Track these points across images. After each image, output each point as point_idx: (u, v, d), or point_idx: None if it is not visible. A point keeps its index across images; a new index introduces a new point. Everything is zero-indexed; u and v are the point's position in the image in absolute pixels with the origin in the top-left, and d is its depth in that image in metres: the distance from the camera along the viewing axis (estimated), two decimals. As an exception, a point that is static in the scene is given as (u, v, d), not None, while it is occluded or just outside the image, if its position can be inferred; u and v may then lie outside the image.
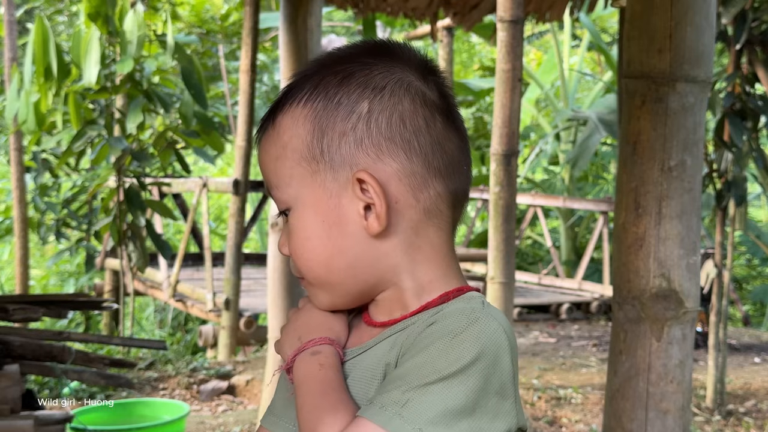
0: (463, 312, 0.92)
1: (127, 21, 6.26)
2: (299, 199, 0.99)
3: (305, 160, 0.98)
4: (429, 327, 0.91)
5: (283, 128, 1.00)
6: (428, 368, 0.87)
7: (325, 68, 1.01)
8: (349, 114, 0.98)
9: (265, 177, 1.04)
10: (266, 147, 1.02)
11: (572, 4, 5.63)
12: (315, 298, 1.04)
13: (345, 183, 0.97)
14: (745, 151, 4.93)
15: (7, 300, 3.82)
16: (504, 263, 4.90)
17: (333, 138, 0.98)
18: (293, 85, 1.03)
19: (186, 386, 5.65)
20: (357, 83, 0.99)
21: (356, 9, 5.50)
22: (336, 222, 0.98)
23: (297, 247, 1.00)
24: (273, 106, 1.03)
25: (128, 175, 6.57)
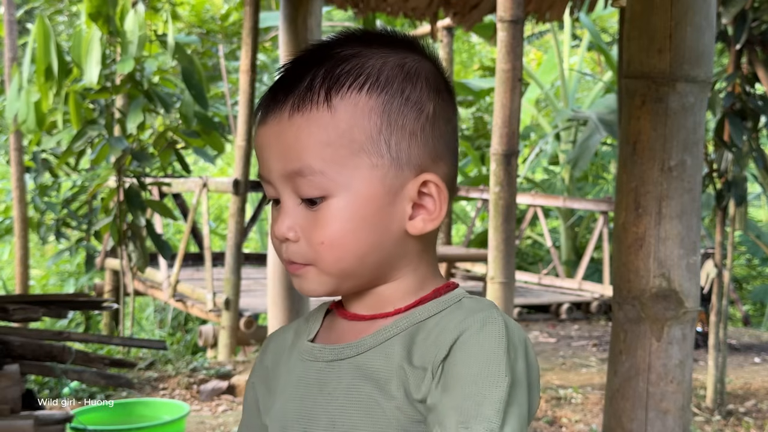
0: (489, 313, 0.93)
1: (127, 21, 6.26)
2: (349, 190, 0.96)
3: (365, 152, 0.96)
4: (467, 334, 0.91)
5: (342, 114, 0.96)
6: (499, 378, 0.88)
7: (371, 53, 0.99)
8: (419, 113, 0.98)
9: (296, 157, 0.96)
10: (310, 128, 0.96)
11: (572, 4, 5.63)
12: (315, 285, 1.00)
13: (406, 182, 0.97)
14: (745, 151, 4.93)
15: (7, 300, 3.82)
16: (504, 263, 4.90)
17: (402, 136, 0.97)
18: (338, 64, 0.97)
19: (186, 386, 5.65)
20: (421, 81, 0.99)
21: (356, 9, 5.51)
22: (384, 217, 0.97)
23: (336, 236, 0.96)
24: (319, 82, 0.97)
25: (128, 175, 6.57)
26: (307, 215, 0.97)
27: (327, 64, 0.97)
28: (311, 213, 0.97)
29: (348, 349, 0.99)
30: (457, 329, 0.92)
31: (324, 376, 1.00)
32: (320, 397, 0.99)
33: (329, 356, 1.00)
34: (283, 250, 0.99)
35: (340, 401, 0.97)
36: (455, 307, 0.97)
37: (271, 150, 0.98)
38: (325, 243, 0.96)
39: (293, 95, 0.97)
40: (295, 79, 0.98)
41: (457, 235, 12.75)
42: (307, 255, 0.98)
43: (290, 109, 0.96)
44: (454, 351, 0.91)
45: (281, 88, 0.99)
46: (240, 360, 6.41)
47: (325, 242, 0.96)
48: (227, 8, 13.40)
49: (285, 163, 0.97)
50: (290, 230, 0.98)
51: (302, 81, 0.97)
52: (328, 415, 0.98)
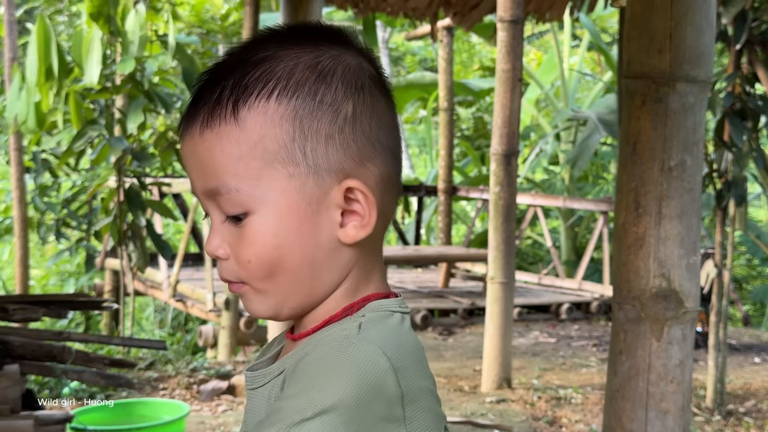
0: (336, 340, 0.86)
1: (128, 21, 6.26)
2: (267, 203, 0.90)
3: (280, 162, 0.90)
4: (305, 357, 0.86)
5: (251, 126, 0.90)
6: (305, 402, 0.82)
7: (283, 54, 0.92)
8: (335, 116, 0.91)
9: (212, 175, 0.91)
10: (220, 144, 0.90)
11: (572, 4, 5.64)
12: (256, 304, 0.94)
13: (328, 189, 0.91)
14: (745, 151, 4.93)
15: (7, 300, 3.83)
16: (504, 263, 4.90)
17: (318, 141, 0.90)
18: (247, 71, 0.92)
19: (186, 386, 5.65)
20: (337, 79, 0.92)
21: (356, 9, 5.51)
22: (311, 229, 0.91)
23: (261, 253, 0.90)
24: (227, 95, 0.91)
25: (128, 175, 6.57)
26: (233, 232, 0.92)
27: (237, 73, 0.91)
28: (237, 230, 0.91)
29: (259, 378, 0.95)
30: (306, 351, 0.87)
31: (250, 405, 0.96)
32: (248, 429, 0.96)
33: (249, 385, 0.96)
34: (219, 268, 0.94)
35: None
36: (322, 341, 0.89)
37: (190, 167, 0.93)
38: (252, 261, 0.91)
39: (203, 111, 0.91)
40: (207, 91, 0.92)
41: (457, 235, 12.75)
42: (238, 273, 0.92)
43: (200, 125, 0.91)
44: (293, 371, 0.86)
45: (195, 101, 0.93)
46: (240, 360, 6.41)
47: (252, 260, 0.91)
48: (227, 8, 13.40)
49: (204, 181, 0.92)
50: (219, 248, 0.93)
51: (213, 93, 0.91)
52: None
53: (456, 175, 11.52)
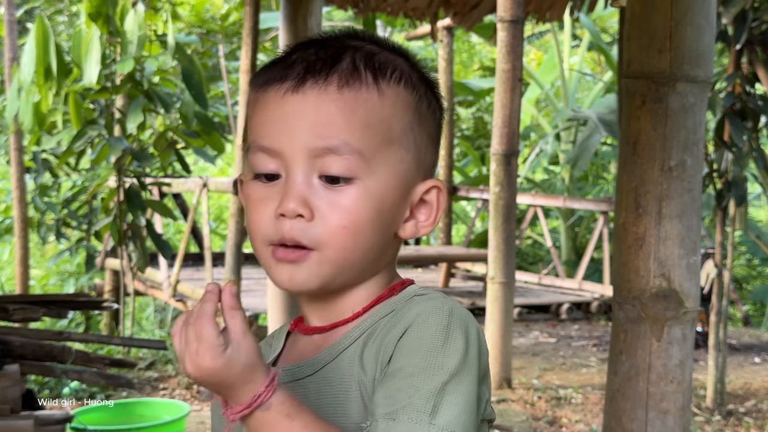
0: (434, 304, 0.90)
1: (127, 21, 6.26)
2: (377, 177, 0.92)
3: (397, 144, 0.94)
4: (410, 329, 0.88)
5: (387, 100, 0.94)
6: (436, 370, 0.86)
7: (392, 53, 0.97)
8: (435, 122, 0.99)
9: (336, 133, 0.91)
10: (356, 106, 0.91)
11: (572, 4, 5.63)
12: (310, 274, 0.92)
13: (416, 184, 0.96)
14: (745, 151, 4.93)
15: (7, 300, 3.82)
16: (504, 263, 4.89)
17: (423, 138, 0.97)
18: (372, 53, 0.95)
19: (186, 386, 5.65)
20: (437, 92, 1.00)
21: (356, 9, 5.51)
22: (394, 214, 0.95)
23: (360, 223, 0.92)
24: (362, 64, 0.93)
25: (128, 175, 6.57)
26: (324, 195, 0.91)
27: (360, 51, 0.95)
28: (330, 193, 0.91)
29: (305, 368, 0.96)
30: (404, 325, 0.89)
31: (303, 393, 0.95)
32: None
33: (286, 378, 0.95)
34: (287, 228, 0.91)
35: None
36: (404, 304, 0.94)
37: (302, 121, 0.91)
38: (348, 227, 0.91)
39: (337, 69, 0.92)
40: (331, 55, 0.93)
41: (457, 235, 12.74)
42: (319, 237, 0.91)
43: (338, 81, 0.91)
44: (398, 345, 0.88)
45: (316, 60, 0.93)
46: (240, 360, 6.40)
47: (347, 227, 0.91)
48: (227, 8, 13.40)
49: (319, 137, 0.91)
50: (304, 206, 0.91)
51: (341, 59, 0.93)
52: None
53: (456, 175, 11.52)
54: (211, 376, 0.85)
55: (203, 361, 0.85)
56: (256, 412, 0.86)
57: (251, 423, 0.87)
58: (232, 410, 0.86)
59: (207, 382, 0.86)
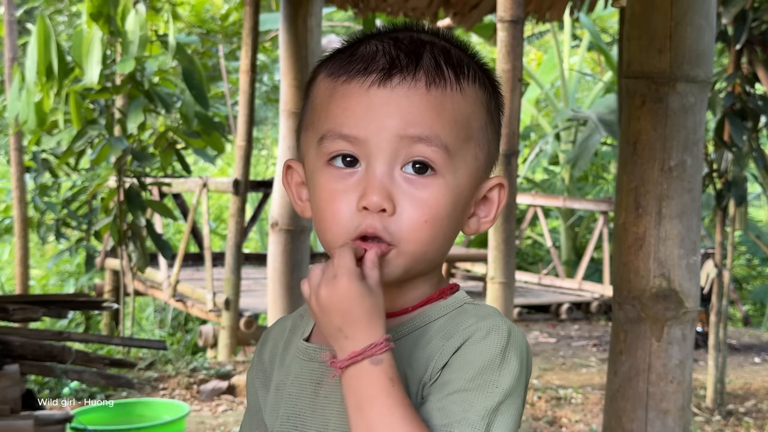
0: (494, 321, 0.92)
1: (128, 21, 6.25)
2: (456, 174, 0.94)
3: (474, 141, 0.96)
4: (469, 343, 0.90)
5: (469, 99, 0.96)
6: (491, 387, 0.88)
7: (461, 50, 0.99)
8: (499, 121, 1.00)
9: (428, 124, 0.92)
10: (443, 103, 0.93)
11: (572, 4, 5.63)
12: (388, 268, 0.92)
13: (485, 179, 0.98)
14: (745, 151, 4.92)
15: (7, 300, 3.82)
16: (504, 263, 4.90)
17: (494, 136, 0.99)
18: (448, 51, 0.97)
19: (186, 386, 5.65)
20: (495, 80, 1.01)
21: (356, 9, 5.51)
22: (465, 210, 0.97)
23: (440, 217, 0.93)
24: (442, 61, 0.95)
25: (128, 175, 6.57)
26: (407, 188, 0.92)
27: (435, 48, 0.95)
28: (411, 186, 0.92)
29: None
30: (462, 336, 0.91)
31: (319, 376, 0.97)
32: (315, 399, 0.97)
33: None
34: (369, 222, 0.91)
35: (338, 404, 0.93)
36: (457, 312, 0.96)
37: (393, 110, 0.91)
38: (428, 222, 0.92)
39: (423, 66, 0.93)
40: (411, 49, 0.94)
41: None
42: (399, 232, 0.91)
43: (426, 78, 0.93)
44: (455, 356, 0.90)
45: (398, 55, 0.94)
46: (240, 360, 6.41)
47: (428, 221, 0.92)
48: (227, 8, 13.40)
49: (411, 125, 0.91)
50: (387, 200, 0.90)
51: (421, 56, 0.94)
52: (322, 417, 0.95)
53: (456, 175, 11.51)
54: (342, 301, 0.85)
55: (340, 282, 0.85)
56: (365, 365, 0.86)
57: (353, 377, 0.87)
58: (342, 358, 0.87)
59: (336, 308, 0.86)
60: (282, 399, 1.00)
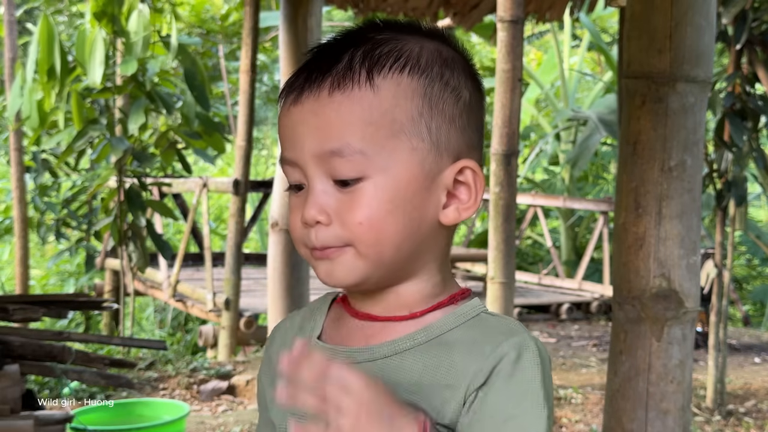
0: (524, 341, 0.92)
1: (131, 21, 6.25)
2: (388, 172, 0.92)
3: (405, 134, 0.93)
4: (501, 366, 0.90)
5: (385, 93, 0.93)
6: (539, 410, 0.89)
7: (407, 38, 0.97)
8: (457, 99, 0.96)
9: (336, 135, 0.92)
10: (352, 106, 0.92)
11: (572, 4, 5.63)
12: (348, 270, 0.94)
13: (443, 168, 0.95)
14: (745, 151, 4.93)
15: (7, 300, 3.82)
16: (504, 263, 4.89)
17: (443, 120, 0.95)
18: (376, 45, 0.95)
19: (186, 386, 5.65)
20: (458, 68, 0.98)
21: (356, 9, 5.51)
22: (421, 204, 0.94)
23: (375, 217, 0.92)
24: (359, 62, 0.94)
25: (129, 175, 6.57)
26: (340, 197, 0.93)
27: (364, 46, 0.95)
28: (344, 195, 0.93)
29: (359, 354, 0.96)
30: (495, 355, 0.90)
31: None
32: None
33: (339, 358, 0.96)
34: (312, 236, 0.94)
35: None
36: (475, 322, 0.95)
37: (305, 129, 0.93)
38: (364, 223, 0.92)
39: (332, 74, 0.93)
40: (331, 59, 0.94)
41: (457, 235, 12.74)
42: (343, 236, 0.93)
43: (330, 87, 0.93)
44: (493, 380, 0.89)
45: (316, 68, 0.95)
46: (240, 360, 6.41)
47: (363, 222, 0.92)
48: (227, 8, 13.40)
49: (321, 141, 0.92)
50: (321, 213, 0.93)
51: (340, 61, 0.94)
52: None
53: (456, 175, 11.51)
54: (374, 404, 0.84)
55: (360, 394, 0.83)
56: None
57: None
58: None
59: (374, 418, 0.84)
60: None
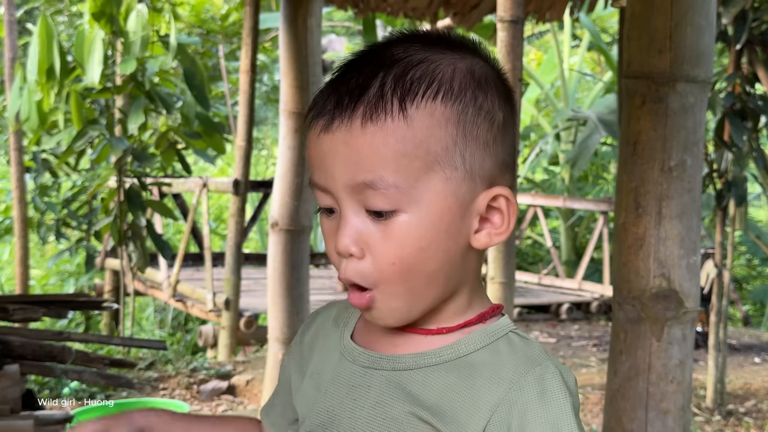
0: (545, 368, 0.91)
1: (130, 21, 6.25)
2: (422, 204, 0.90)
3: (440, 164, 0.90)
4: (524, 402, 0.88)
5: (419, 124, 0.89)
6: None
7: (438, 57, 0.93)
8: (491, 124, 0.93)
9: (369, 168, 0.89)
10: (385, 139, 0.89)
11: (572, 4, 5.63)
12: (387, 312, 0.93)
13: (477, 195, 0.92)
14: (745, 151, 4.93)
15: (7, 300, 3.82)
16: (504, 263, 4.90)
17: (477, 147, 0.92)
18: (407, 69, 0.91)
19: (186, 386, 5.65)
20: (492, 88, 0.94)
21: (356, 9, 5.50)
22: (455, 233, 0.92)
23: (407, 255, 0.90)
24: (390, 89, 0.90)
25: (129, 175, 6.57)
26: (373, 229, 0.91)
27: (395, 69, 0.91)
28: (378, 226, 0.91)
29: (384, 361, 0.96)
30: (515, 390, 0.89)
31: (355, 380, 0.97)
32: (347, 400, 0.97)
33: (366, 362, 0.97)
34: (343, 267, 0.92)
35: (366, 411, 0.94)
36: (504, 343, 0.94)
37: (337, 158, 0.90)
38: (396, 264, 0.90)
39: (363, 102, 0.90)
40: (361, 84, 0.91)
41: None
42: (371, 276, 0.91)
43: (362, 117, 0.89)
44: (516, 417, 0.88)
45: (346, 92, 0.91)
46: (240, 360, 6.41)
47: (396, 263, 0.90)
48: (227, 8, 13.40)
49: (354, 173, 0.90)
50: (355, 244, 0.91)
51: (369, 86, 0.90)
52: (350, 421, 0.95)
53: (456, 175, 11.51)
54: None
55: None
56: None
57: None
58: None
59: None
60: (319, 393, 1.00)
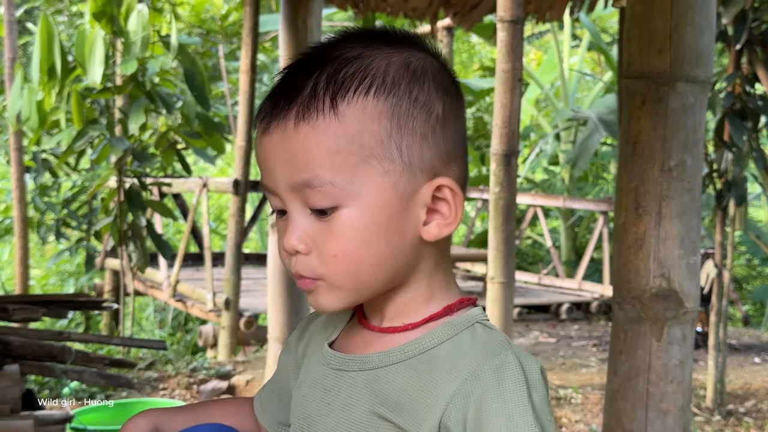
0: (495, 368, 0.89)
1: (131, 21, 6.25)
2: (360, 198, 0.91)
3: (376, 158, 0.91)
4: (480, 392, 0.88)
5: (351, 120, 0.90)
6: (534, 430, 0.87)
7: (373, 53, 0.94)
8: (428, 115, 0.93)
9: (304, 167, 0.91)
10: (317, 137, 0.90)
11: (572, 4, 5.63)
12: (329, 300, 0.95)
13: (419, 187, 0.93)
14: (745, 151, 4.93)
15: (7, 300, 3.82)
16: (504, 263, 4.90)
17: (414, 139, 0.92)
18: (340, 67, 0.92)
19: (186, 386, 5.65)
20: (428, 80, 0.94)
21: (356, 9, 5.50)
22: (399, 225, 0.93)
23: (350, 248, 0.92)
24: (323, 88, 0.91)
25: (129, 175, 6.57)
26: (318, 226, 0.93)
27: (329, 68, 0.92)
28: (322, 224, 0.92)
29: (352, 362, 0.97)
30: (473, 377, 0.89)
31: (328, 383, 0.98)
32: (321, 404, 0.98)
33: (336, 364, 0.98)
34: (293, 263, 0.95)
35: (336, 414, 0.95)
36: (467, 335, 0.94)
37: (276, 160, 0.93)
38: (338, 256, 0.92)
39: (296, 103, 0.91)
40: (297, 84, 0.93)
41: (457, 235, 12.74)
42: (316, 269, 0.93)
43: (295, 117, 0.91)
44: (473, 408, 0.88)
45: (282, 94, 0.93)
46: (240, 360, 6.41)
47: (338, 255, 0.92)
48: (227, 8, 13.40)
49: (292, 173, 0.92)
50: (300, 242, 0.93)
51: (304, 87, 0.92)
52: (324, 425, 0.97)
53: (456, 175, 11.51)
54: None
55: None
56: None
57: None
58: None
59: None
60: (299, 398, 1.02)
